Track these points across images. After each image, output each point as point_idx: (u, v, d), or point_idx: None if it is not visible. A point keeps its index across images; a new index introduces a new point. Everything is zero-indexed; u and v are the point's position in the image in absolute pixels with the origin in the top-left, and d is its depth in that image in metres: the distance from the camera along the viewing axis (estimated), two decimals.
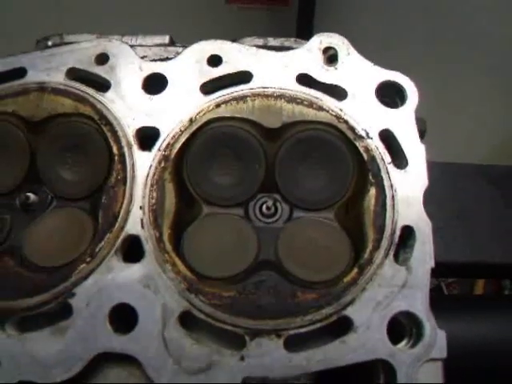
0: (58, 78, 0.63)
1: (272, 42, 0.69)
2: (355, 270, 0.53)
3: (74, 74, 0.63)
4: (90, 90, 0.62)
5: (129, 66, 0.62)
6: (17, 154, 0.62)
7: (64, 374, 0.51)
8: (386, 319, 0.51)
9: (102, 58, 0.63)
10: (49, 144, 0.62)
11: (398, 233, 0.54)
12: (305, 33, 1.60)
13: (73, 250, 0.56)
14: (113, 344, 0.52)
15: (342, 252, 0.55)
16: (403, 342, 0.52)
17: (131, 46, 0.65)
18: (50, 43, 0.72)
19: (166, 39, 0.71)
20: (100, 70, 0.63)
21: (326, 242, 0.56)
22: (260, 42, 0.67)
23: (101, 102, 0.61)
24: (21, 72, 0.64)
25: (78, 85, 0.63)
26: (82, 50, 0.64)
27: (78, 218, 0.59)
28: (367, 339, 0.51)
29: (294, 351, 0.51)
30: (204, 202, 0.60)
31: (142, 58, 0.64)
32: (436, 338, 0.50)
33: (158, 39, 0.70)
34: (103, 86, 0.63)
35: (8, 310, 0.54)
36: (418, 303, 0.52)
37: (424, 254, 0.53)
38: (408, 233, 0.54)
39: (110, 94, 0.62)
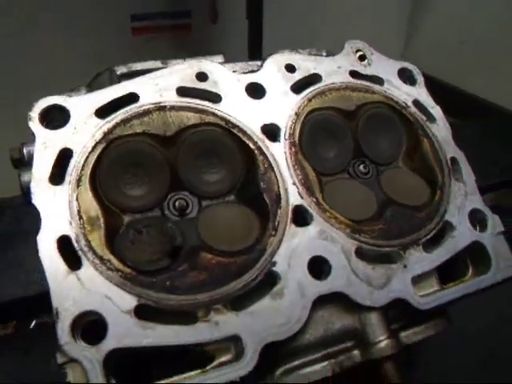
0: (171, 97, 0.73)
1: (305, 51, 0.91)
2: (439, 191, 0.80)
3: (183, 91, 0.74)
4: (206, 103, 0.74)
5: (229, 80, 0.77)
6: (157, 169, 0.70)
7: (299, 323, 0.63)
8: (466, 216, 0.80)
9: (203, 76, 0.76)
10: (185, 153, 0.71)
11: (449, 162, 0.83)
12: (256, 47, 1.81)
13: (250, 230, 0.68)
14: (321, 288, 0.66)
15: (423, 184, 0.82)
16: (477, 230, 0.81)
17: None
18: (118, 72, 0.79)
19: (221, 58, 0.85)
20: (206, 86, 0.75)
21: (411, 181, 0.82)
22: (305, 52, 0.88)
23: (220, 111, 0.74)
24: (134, 97, 0.71)
25: (191, 100, 0.74)
26: (181, 71, 0.76)
27: (235, 208, 0.71)
28: (463, 231, 0.78)
29: (428, 252, 0.75)
30: (317, 173, 0.78)
31: (234, 72, 0.79)
32: (495, 219, 0.80)
33: (214, 58, 0.84)
34: (211, 98, 0.75)
35: (226, 295, 0.62)
36: (478, 203, 0.81)
37: (467, 171, 0.84)
38: (453, 161, 0.84)
39: (223, 103, 0.75)
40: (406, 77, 0.90)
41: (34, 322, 1.73)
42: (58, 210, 0.62)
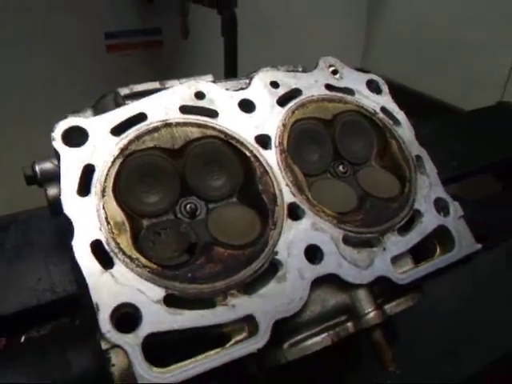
0: (175, 114, 0.85)
1: (283, 68, 1.04)
2: (408, 184, 0.95)
3: (184, 109, 0.86)
4: (205, 118, 0.86)
5: (223, 97, 0.89)
6: (168, 178, 0.81)
7: (301, 301, 0.76)
8: (432, 204, 0.95)
9: (200, 95, 0.88)
10: (191, 164, 0.83)
11: (414, 159, 0.99)
12: (232, 63, 1.92)
13: (253, 226, 0.81)
14: (317, 271, 0.79)
15: (394, 179, 0.97)
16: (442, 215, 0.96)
17: None
18: (122, 94, 0.90)
19: (210, 77, 0.98)
20: (204, 103, 0.88)
21: (384, 177, 0.97)
22: (283, 69, 1.02)
23: (218, 125, 0.86)
24: (143, 116, 0.82)
25: (193, 116, 0.86)
26: (180, 92, 0.87)
27: (238, 208, 0.83)
28: (430, 218, 0.93)
29: (403, 236, 0.89)
30: (304, 174, 0.91)
31: (226, 90, 0.91)
32: (456, 205, 0.96)
33: (204, 78, 0.97)
34: (209, 114, 0.87)
35: (239, 281, 0.74)
36: (442, 193, 0.97)
37: (430, 166, 0.99)
38: (418, 158, 1.00)
39: (220, 118, 0.87)
40: (373, 87, 1.05)
41: (23, 337, 1.79)
42: (88, 218, 0.72)
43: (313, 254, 0.81)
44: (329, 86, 1.00)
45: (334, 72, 1.03)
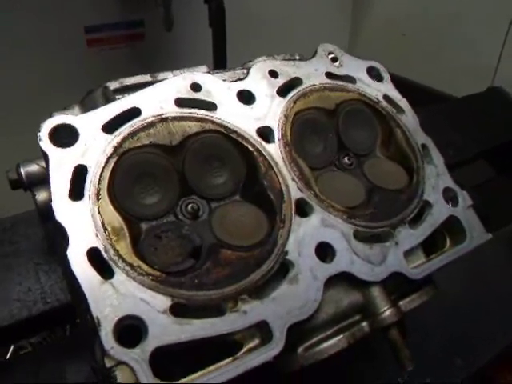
0: (171, 108, 0.78)
1: (280, 57, 0.99)
2: (415, 175, 0.91)
3: (180, 102, 0.80)
4: (203, 111, 0.80)
5: (221, 89, 0.83)
6: (166, 177, 0.75)
7: (316, 303, 0.71)
8: (440, 194, 0.91)
9: (196, 87, 0.82)
10: (190, 160, 0.77)
11: (420, 148, 0.95)
12: (221, 56, 1.84)
13: (259, 225, 0.75)
14: (329, 270, 0.75)
15: (400, 169, 0.93)
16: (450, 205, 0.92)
17: None
18: (112, 88, 0.83)
19: (205, 68, 0.92)
20: (201, 96, 0.82)
21: (390, 168, 0.93)
22: (280, 57, 0.97)
23: (218, 118, 0.80)
24: (136, 110, 0.76)
25: (190, 110, 0.80)
26: (175, 84, 0.81)
27: (242, 206, 0.78)
28: (440, 209, 0.89)
29: (414, 229, 0.85)
30: (310, 168, 0.86)
31: (224, 81, 0.85)
32: (464, 195, 0.93)
33: (198, 69, 0.91)
34: (207, 107, 0.81)
35: (249, 285, 0.69)
36: (450, 182, 0.93)
37: (436, 155, 0.95)
38: (424, 147, 0.95)
39: (219, 111, 0.81)
40: (373, 75, 1.01)
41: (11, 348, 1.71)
42: (83, 224, 0.66)
43: (324, 251, 0.76)
44: (329, 75, 0.95)
45: (334, 59, 0.98)
